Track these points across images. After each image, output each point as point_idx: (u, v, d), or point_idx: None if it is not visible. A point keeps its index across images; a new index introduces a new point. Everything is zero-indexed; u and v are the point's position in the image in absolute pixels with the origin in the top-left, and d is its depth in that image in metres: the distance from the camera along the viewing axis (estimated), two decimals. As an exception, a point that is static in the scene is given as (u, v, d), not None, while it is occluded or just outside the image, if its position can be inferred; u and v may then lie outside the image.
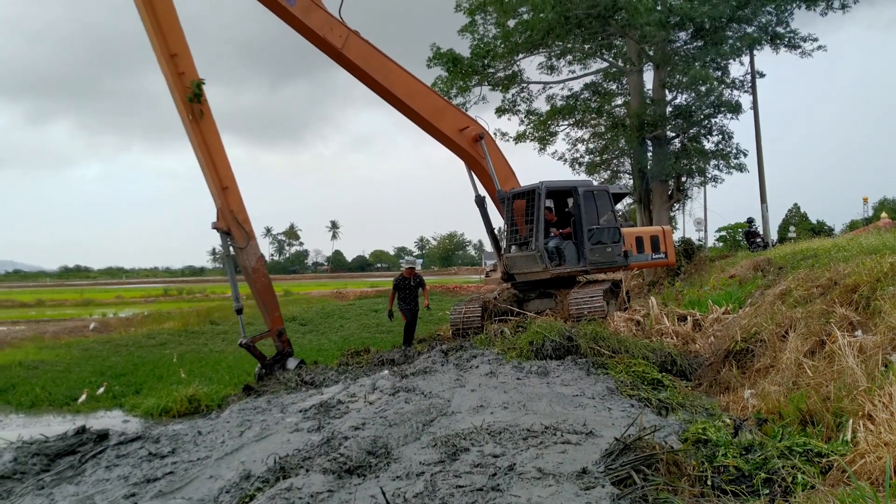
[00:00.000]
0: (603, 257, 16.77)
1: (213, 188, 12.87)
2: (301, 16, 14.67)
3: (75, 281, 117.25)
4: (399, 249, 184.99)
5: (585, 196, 16.63)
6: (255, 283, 13.25)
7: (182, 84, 12.53)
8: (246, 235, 12.99)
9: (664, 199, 29.29)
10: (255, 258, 13.26)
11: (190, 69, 12.69)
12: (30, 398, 13.10)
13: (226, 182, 12.92)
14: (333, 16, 15.19)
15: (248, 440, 6.92)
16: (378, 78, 15.91)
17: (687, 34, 27.51)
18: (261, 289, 13.31)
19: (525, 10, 27.94)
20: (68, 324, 28.80)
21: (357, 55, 15.53)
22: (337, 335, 21.30)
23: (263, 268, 13.53)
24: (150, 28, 12.47)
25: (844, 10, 25.81)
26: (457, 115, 17.83)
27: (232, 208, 12.84)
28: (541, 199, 16.22)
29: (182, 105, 12.61)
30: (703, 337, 12.67)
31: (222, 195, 12.79)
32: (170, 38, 12.52)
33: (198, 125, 12.72)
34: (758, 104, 30.27)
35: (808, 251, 15.05)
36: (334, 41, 15.12)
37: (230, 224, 12.76)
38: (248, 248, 13.03)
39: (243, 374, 14.24)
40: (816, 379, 7.12)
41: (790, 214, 73.66)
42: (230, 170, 13.14)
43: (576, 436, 6.23)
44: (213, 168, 12.79)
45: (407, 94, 16.40)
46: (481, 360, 10.53)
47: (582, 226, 16.49)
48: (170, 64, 12.49)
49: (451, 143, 17.35)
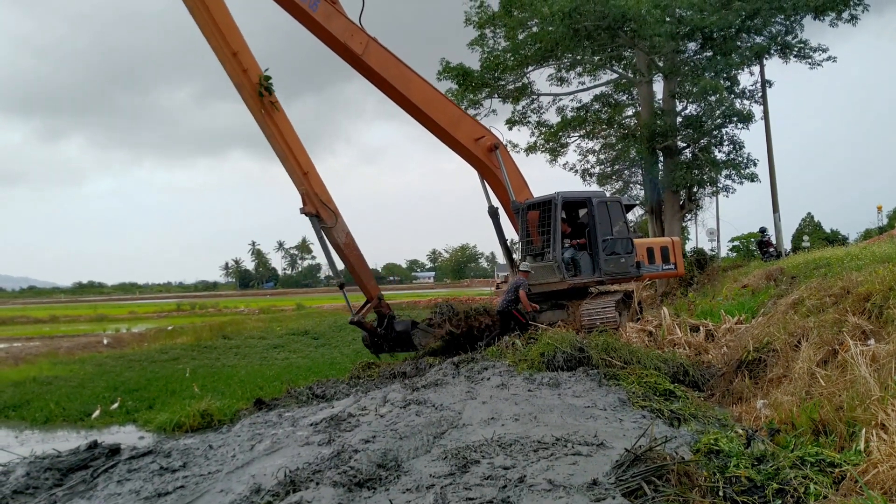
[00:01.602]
0: (617, 268, 16.77)
1: (296, 174, 13.44)
2: (323, 21, 14.84)
3: (89, 297, 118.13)
4: (411, 262, 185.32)
5: (599, 207, 16.65)
6: (347, 257, 14.14)
7: (249, 80, 12.86)
8: (333, 214, 13.79)
9: (676, 209, 29.20)
10: (345, 234, 14.06)
11: (252, 65, 13.07)
12: (44, 413, 13.15)
13: (306, 167, 13.54)
14: (354, 22, 15.35)
15: (259, 454, 6.92)
16: (396, 85, 16.04)
17: (696, 44, 27.49)
18: (354, 261, 14.19)
19: (534, 23, 28.04)
20: (82, 339, 28.97)
21: (376, 62, 15.69)
22: (349, 348, 21.30)
23: (354, 242, 14.39)
24: (208, 30, 12.73)
25: (854, 23, 25.69)
26: (472, 125, 17.90)
27: (316, 191, 13.45)
28: (557, 209, 16.24)
29: (252, 101, 12.96)
30: (716, 347, 12.61)
31: (305, 180, 13.38)
32: (229, 36, 12.82)
33: (271, 117, 13.15)
34: (768, 113, 30.15)
35: (820, 260, 14.97)
36: (355, 47, 15.28)
37: (317, 206, 13.44)
38: (338, 226, 13.84)
39: (255, 388, 14.27)
40: (829, 388, 7.06)
41: (804, 224, 73.15)
42: (307, 155, 13.74)
43: (587, 447, 6.21)
44: (293, 155, 13.31)
45: (424, 101, 16.49)
46: (492, 371, 10.52)
47: (597, 236, 16.49)
48: (232, 62, 12.80)
49: (466, 152, 17.39)
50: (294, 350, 21.89)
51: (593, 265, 16.54)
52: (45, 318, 49.81)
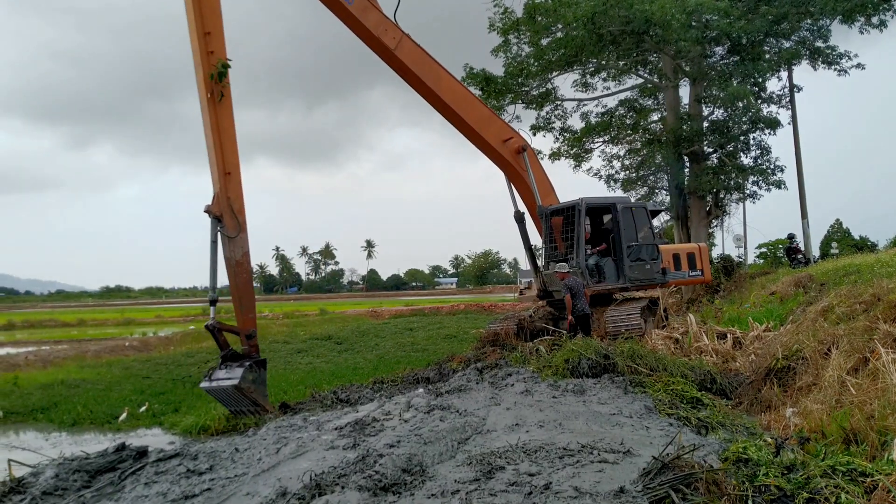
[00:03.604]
0: (642, 274, 16.65)
1: (216, 171, 12.51)
2: (358, 14, 15.06)
3: (116, 301, 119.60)
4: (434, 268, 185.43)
5: (624, 212, 16.57)
6: (236, 276, 12.57)
7: (209, 62, 12.42)
8: (238, 226, 12.49)
9: (702, 215, 28.94)
10: (242, 252, 12.59)
11: (220, 49, 12.59)
12: (72, 416, 13.33)
13: (229, 168, 12.59)
14: (389, 18, 15.58)
15: (285, 457, 6.95)
16: (428, 82, 16.25)
17: (723, 49, 27.26)
18: (240, 284, 12.64)
19: (558, 28, 27.97)
20: (109, 343, 29.33)
21: (409, 57, 15.92)
22: (372, 353, 21.34)
23: (248, 263, 12.82)
24: (188, 3, 12.50)
25: (882, 29, 25.31)
26: (501, 126, 17.94)
27: (229, 195, 12.44)
28: (581, 215, 16.18)
29: (203, 83, 12.45)
30: (744, 355, 12.46)
31: (223, 180, 12.45)
32: (207, 16, 12.53)
33: (214, 106, 12.51)
34: (797, 119, 29.81)
35: (850, 267, 14.77)
36: (388, 42, 15.53)
37: (224, 210, 12.29)
38: (237, 240, 12.43)
39: (279, 392, 14.32)
40: (860, 397, 6.95)
41: (832, 230, 72.23)
42: (237, 157, 12.79)
43: (613, 455, 6.16)
44: (220, 151, 12.50)
45: (454, 100, 16.62)
46: (516, 378, 10.47)
47: (621, 242, 16.39)
48: (201, 41, 12.43)
49: (494, 152, 17.44)
50: (318, 355, 21.96)
51: (618, 271, 16.44)
52: (73, 321, 50.50)
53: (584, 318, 14.66)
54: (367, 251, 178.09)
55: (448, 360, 14.74)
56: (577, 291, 14.55)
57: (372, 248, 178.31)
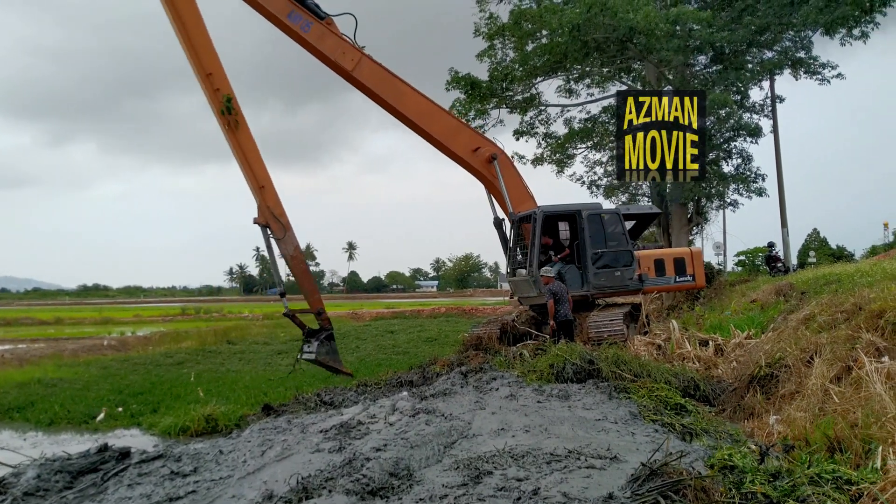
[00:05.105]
0: (610, 281, 16.62)
1: (252, 187, 14.35)
2: (314, 42, 15.85)
3: (94, 299, 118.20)
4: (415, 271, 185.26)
5: (591, 219, 16.57)
6: (294, 269, 14.73)
7: (217, 99, 13.88)
8: (283, 227, 14.43)
9: (683, 222, 29.19)
10: (293, 247, 14.69)
11: (224, 85, 14.06)
12: (49, 416, 13.14)
13: (262, 182, 14.30)
14: (347, 40, 16.18)
15: (270, 460, 6.90)
16: (389, 99, 16.70)
17: (706, 58, 27.52)
18: (299, 273, 14.77)
19: (543, 35, 28.09)
20: (87, 342, 28.98)
21: (368, 78, 16.42)
22: (353, 356, 21.24)
23: (301, 255, 15.10)
24: (186, 51, 13.89)
25: (865, 40, 25.62)
26: (470, 136, 18.02)
27: (269, 204, 14.25)
28: (537, 224, 16.27)
29: (219, 117, 13.99)
30: (726, 362, 12.54)
31: (259, 193, 14.23)
32: (204, 59, 13.91)
33: (234, 134, 14.14)
34: (778, 128, 30.18)
35: (830, 276, 14.91)
36: (346, 64, 16.13)
37: (268, 218, 14.21)
38: (286, 239, 14.41)
39: (260, 393, 14.25)
40: (843, 405, 7.02)
41: (810, 239, 73.11)
42: (265, 170, 14.52)
43: (600, 460, 6.16)
44: (251, 170, 14.24)
45: (418, 114, 16.92)
46: (501, 382, 10.46)
47: (586, 249, 16.41)
48: (206, 82, 13.87)
49: (464, 162, 17.59)
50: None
51: (582, 279, 16.44)
52: (50, 320, 49.87)
53: (567, 324, 14.71)
54: (348, 253, 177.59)
55: (431, 364, 14.72)
56: (560, 297, 14.60)
57: (353, 250, 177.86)
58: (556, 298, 14.51)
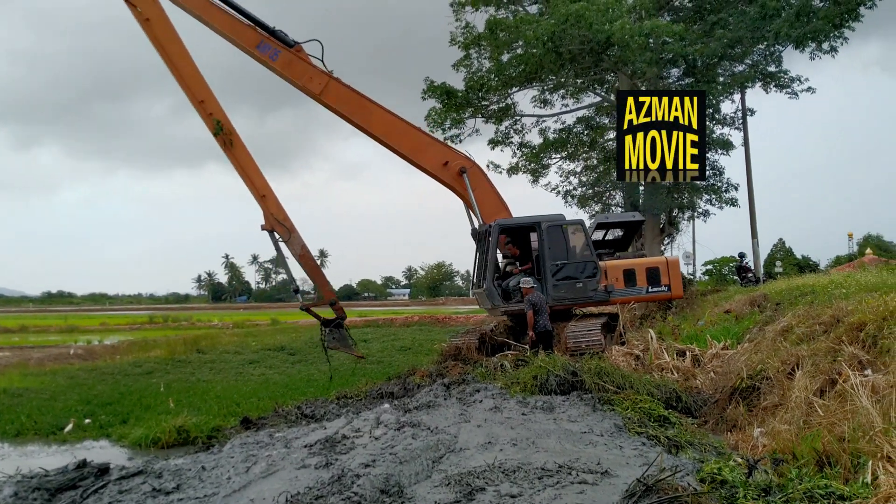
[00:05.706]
0: (571, 293, 16.59)
1: (254, 197, 15.68)
2: (282, 69, 16.97)
3: (59, 307, 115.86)
4: (386, 279, 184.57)
5: (550, 231, 16.60)
6: (304, 266, 16.29)
7: (212, 123, 15.51)
8: (287, 230, 15.91)
9: (656, 232, 29.45)
10: (300, 246, 16.20)
11: (216, 109, 15.70)
12: (15, 427, 12.78)
13: (263, 191, 15.72)
14: (314, 65, 17.18)
15: (255, 476, 6.74)
16: (357, 119, 17.57)
17: (679, 70, 27.85)
18: (309, 270, 16.43)
19: (518, 45, 28.24)
20: (53, 350, 28.33)
21: (335, 100, 17.35)
22: (326, 365, 21.04)
23: (308, 253, 16.62)
24: (178, 82, 15.46)
25: (834, 55, 26.10)
26: (439, 150, 18.27)
27: (272, 211, 15.62)
28: (494, 236, 16.42)
29: (215, 137, 15.52)
30: (703, 372, 12.62)
31: (262, 202, 15.60)
32: (194, 88, 15.57)
33: (231, 151, 15.65)
34: (749, 141, 30.61)
35: (804, 287, 15.05)
36: (313, 89, 17.12)
37: (272, 224, 15.64)
38: (292, 240, 15.91)
39: (232, 404, 14.01)
40: (829, 419, 7.06)
41: (775, 249, 74.15)
42: (264, 180, 15.93)
43: (591, 475, 6.13)
44: (251, 182, 15.63)
45: (387, 132, 17.74)
46: (485, 394, 10.40)
47: (545, 261, 16.42)
48: (200, 108, 15.53)
49: (434, 176, 17.89)
50: (270, 366, 21.55)
51: (542, 290, 16.44)
52: (15, 327, 48.68)
53: (547, 335, 14.69)
54: (320, 261, 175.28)
55: (410, 374, 14.59)
56: (539, 308, 14.56)
57: (325, 258, 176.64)
58: (536, 309, 14.48)
